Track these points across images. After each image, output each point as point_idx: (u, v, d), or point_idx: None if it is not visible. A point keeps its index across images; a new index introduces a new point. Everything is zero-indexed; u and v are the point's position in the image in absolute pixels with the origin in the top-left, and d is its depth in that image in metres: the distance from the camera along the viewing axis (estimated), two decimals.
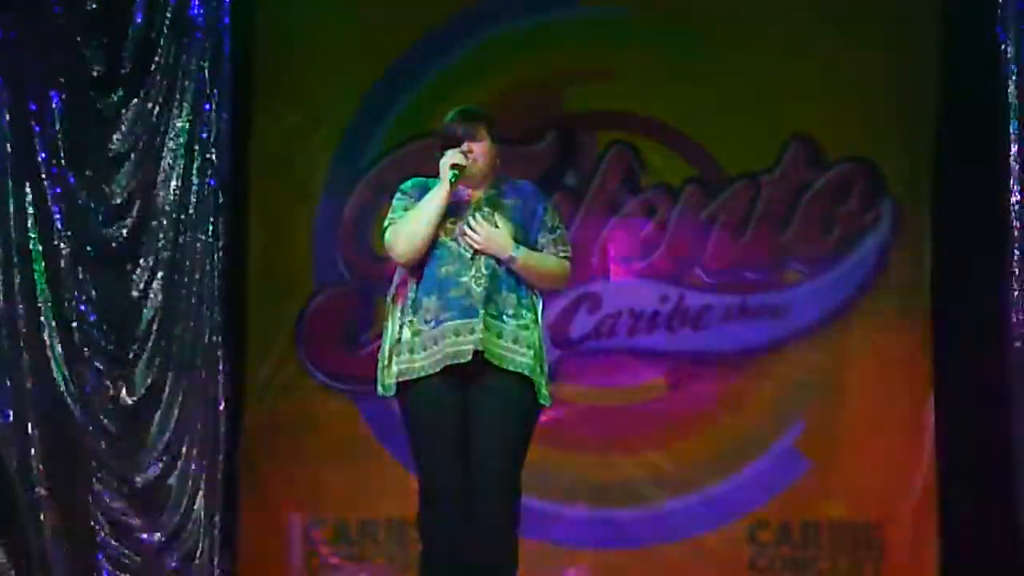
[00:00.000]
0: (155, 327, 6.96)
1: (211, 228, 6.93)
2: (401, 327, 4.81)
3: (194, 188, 6.96)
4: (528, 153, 7.21)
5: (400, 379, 4.80)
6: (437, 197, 4.78)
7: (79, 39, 6.97)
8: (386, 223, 4.91)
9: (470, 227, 4.79)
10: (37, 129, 6.88)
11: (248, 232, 7.29)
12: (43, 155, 6.89)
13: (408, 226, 4.81)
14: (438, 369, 4.74)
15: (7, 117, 6.84)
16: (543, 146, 7.30)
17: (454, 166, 4.77)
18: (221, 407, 6.91)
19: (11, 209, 6.82)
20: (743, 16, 7.18)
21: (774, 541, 7.14)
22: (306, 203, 7.35)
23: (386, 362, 4.84)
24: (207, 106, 6.97)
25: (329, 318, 7.34)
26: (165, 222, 6.97)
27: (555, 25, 7.29)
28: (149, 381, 6.95)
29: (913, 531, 7.08)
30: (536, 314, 4.88)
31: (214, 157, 6.96)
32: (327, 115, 7.37)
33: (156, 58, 6.99)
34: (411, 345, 4.78)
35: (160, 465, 6.92)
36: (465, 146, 4.83)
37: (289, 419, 7.28)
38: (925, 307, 7.11)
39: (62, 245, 6.89)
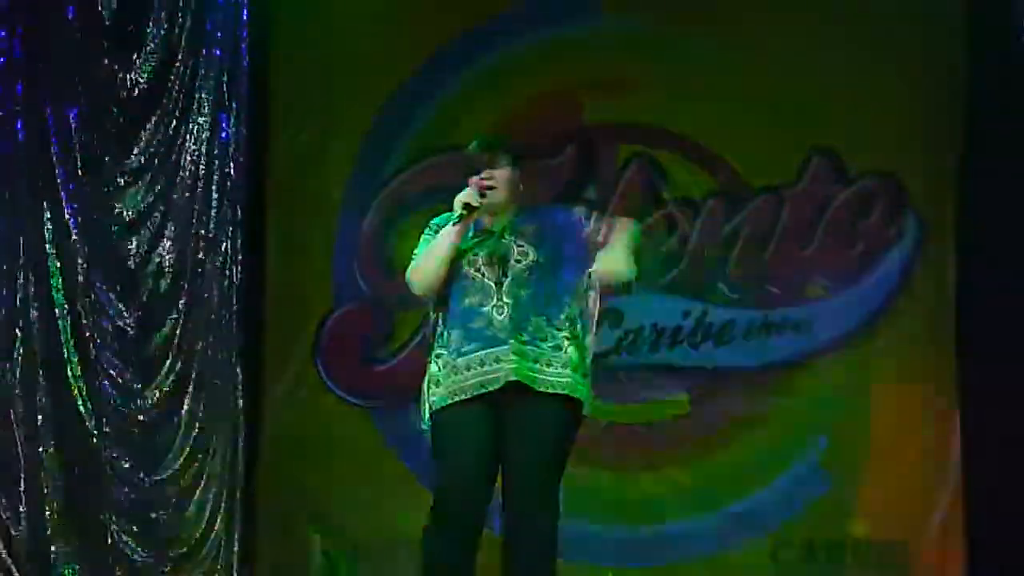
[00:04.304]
0: (173, 343, 6.94)
1: (228, 243, 6.92)
2: (431, 361, 4.79)
3: (212, 203, 6.95)
4: (548, 166, 7.17)
5: (431, 411, 4.77)
6: (447, 236, 4.74)
7: (97, 54, 6.95)
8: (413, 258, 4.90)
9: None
10: (55, 143, 6.86)
11: (266, 247, 7.27)
12: (60, 170, 6.87)
13: (421, 264, 4.79)
14: (461, 397, 4.70)
15: (25, 132, 6.82)
16: (563, 159, 7.27)
17: (466, 206, 4.72)
18: (239, 423, 6.89)
19: (28, 224, 6.80)
20: (765, 29, 7.14)
21: (797, 559, 7.08)
22: (324, 218, 7.33)
23: (424, 397, 4.83)
24: (224, 120, 6.95)
25: (347, 334, 7.31)
26: (182, 237, 6.95)
27: (575, 38, 7.25)
28: (167, 397, 6.92)
29: (939, 549, 7.02)
30: (573, 330, 4.80)
31: (232, 171, 6.95)
32: (345, 130, 7.36)
33: (174, 73, 6.98)
34: (438, 378, 4.76)
35: (178, 482, 6.89)
36: (486, 173, 4.78)
37: (307, 435, 7.25)
38: (949, 322, 7.04)
39: (79, 260, 6.87)
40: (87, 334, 6.87)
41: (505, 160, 4.82)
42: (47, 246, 6.84)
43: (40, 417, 6.78)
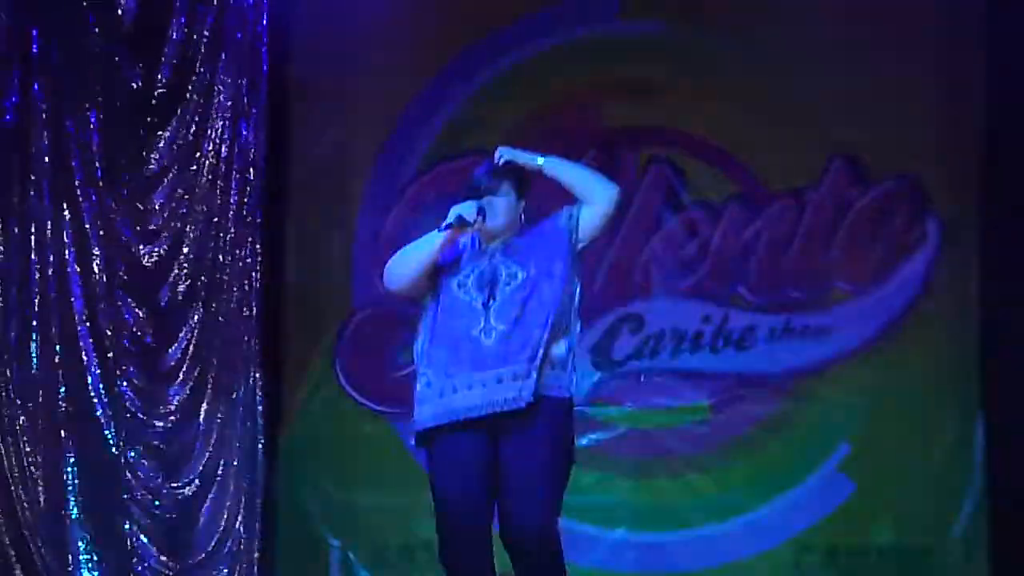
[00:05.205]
0: (192, 348, 6.94)
1: (248, 247, 6.92)
2: (419, 377, 4.76)
3: (231, 208, 6.95)
4: None
5: (421, 428, 4.74)
6: (433, 240, 4.68)
7: (117, 59, 6.96)
8: None
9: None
10: (75, 149, 6.87)
11: (285, 252, 7.26)
12: (80, 175, 6.87)
13: (399, 260, 4.74)
14: (449, 420, 4.66)
15: (45, 137, 6.82)
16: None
17: (459, 218, 4.65)
18: (259, 430, 6.88)
19: (48, 229, 6.80)
20: (786, 32, 7.11)
21: (820, 565, 7.04)
22: (344, 222, 7.33)
23: (414, 409, 4.82)
24: (244, 125, 6.96)
25: (367, 339, 7.29)
26: (202, 242, 6.95)
27: (595, 41, 7.23)
28: (186, 403, 6.92)
29: (963, 555, 6.96)
30: (564, 327, 4.74)
31: (251, 176, 6.94)
32: (365, 133, 7.35)
33: (193, 77, 6.99)
34: (425, 395, 4.72)
35: (197, 489, 6.89)
36: (486, 200, 4.71)
37: (327, 441, 7.25)
38: (973, 325, 7.00)
39: (98, 265, 6.86)
40: (106, 340, 6.86)
41: (508, 186, 4.75)
42: (66, 251, 6.84)
43: (60, 424, 6.78)
